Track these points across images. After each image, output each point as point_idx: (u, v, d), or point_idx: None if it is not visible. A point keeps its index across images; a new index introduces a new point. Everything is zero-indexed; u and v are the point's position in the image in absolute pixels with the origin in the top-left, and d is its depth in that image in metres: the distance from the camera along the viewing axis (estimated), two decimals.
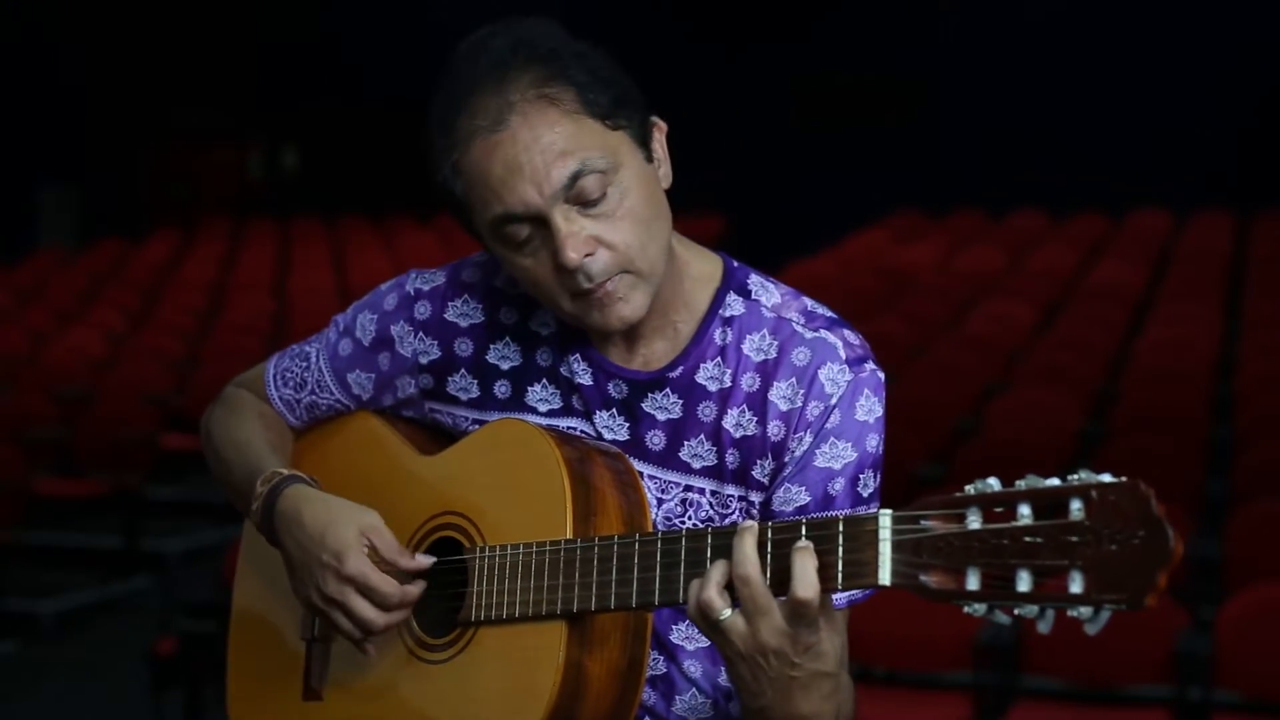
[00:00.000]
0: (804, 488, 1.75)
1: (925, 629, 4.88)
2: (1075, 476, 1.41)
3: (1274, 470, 6.31)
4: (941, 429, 7.53)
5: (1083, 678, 4.93)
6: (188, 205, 17.59)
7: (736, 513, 1.80)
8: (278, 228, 15.80)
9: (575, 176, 1.68)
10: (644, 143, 1.75)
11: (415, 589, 1.78)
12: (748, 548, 1.54)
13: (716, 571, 1.56)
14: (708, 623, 1.57)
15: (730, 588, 1.56)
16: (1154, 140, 14.77)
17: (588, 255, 1.69)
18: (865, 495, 1.77)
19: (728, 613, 1.55)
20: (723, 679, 1.83)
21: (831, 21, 15.93)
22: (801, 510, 1.75)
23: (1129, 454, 6.62)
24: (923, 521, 1.48)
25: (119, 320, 11.99)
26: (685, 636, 1.82)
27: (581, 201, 1.69)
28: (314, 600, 1.80)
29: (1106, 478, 1.39)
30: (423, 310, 1.90)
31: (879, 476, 1.78)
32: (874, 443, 1.77)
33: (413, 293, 1.92)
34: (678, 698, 1.83)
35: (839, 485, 1.75)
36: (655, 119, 1.78)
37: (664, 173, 1.78)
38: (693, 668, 1.83)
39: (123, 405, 9.11)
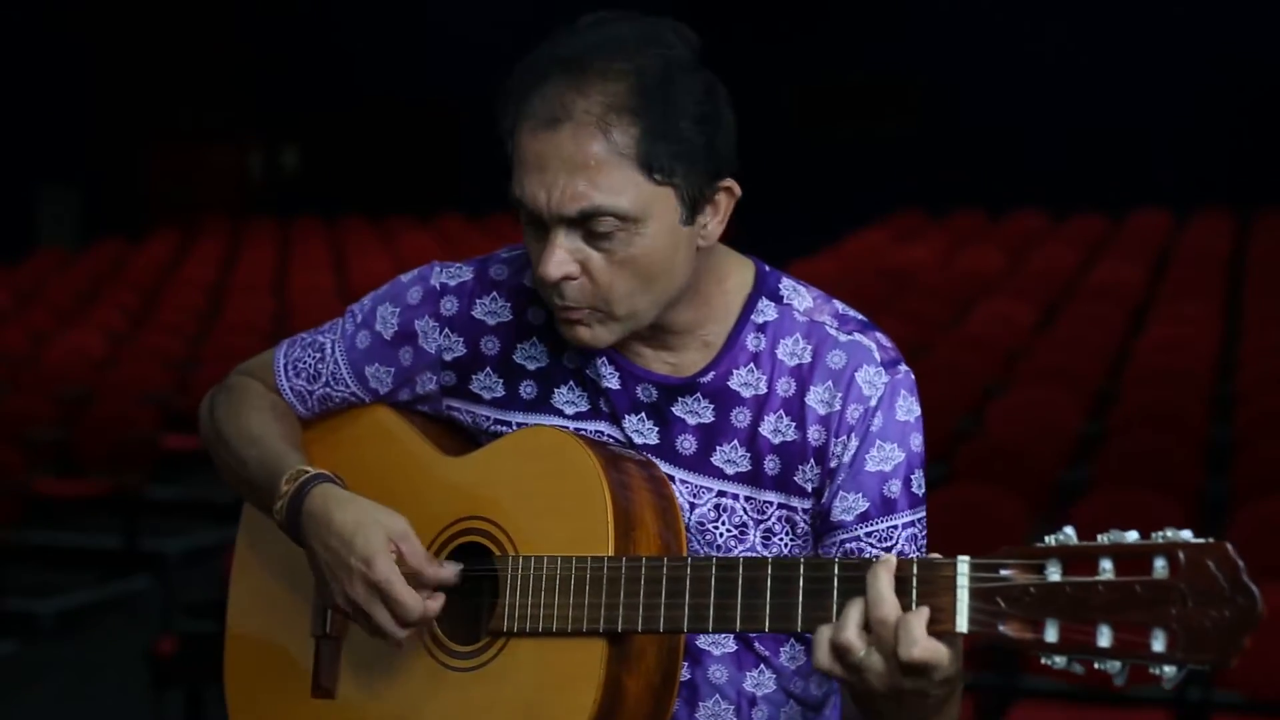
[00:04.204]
0: (861, 494, 1.74)
1: None
2: (1161, 535, 1.41)
3: (1274, 470, 6.30)
4: (942, 429, 7.52)
5: (1083, 678, 4.92)
6: (188, 205, 17.58)
7: (774, 519, 1.78)
8: (278, 228, 15.79)
9: (585, 215, 1.66)
10: (692, 203, 1.70)
11: (435, 604, 1.74)
12: (883, 587, 1.52)
13: (855, 612, 1.53)
14: (845, 663, 1.53)
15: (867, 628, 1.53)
16: (1154, 140, 14.77)
17: (567, 278, 1.68)
18: (921, 495, 1.77)
19: (863, 652, 1.52)
20: (747, 684, 1.82)
21: (833, 22, 15.92)
22: (863, 517, 1.74)
23: (1129, 454, 6.61)
24: (1002, 571, 1.47)
25: (119, 320, 11.98)
26: (711, 642, 1.80)
27: (587, 231, 1.67)
28: (339, 604, 1.77)
29: (1189, 536, 1.40)
30: (449, 306, 1.87)
31: (925, 476, 1.79)
32: (918, 442, 1.78)
33: (439, 287, 1.88)
34: (701, 704, 1.81)
35: (895, 488, 1.75)
36: (730, 183, 1.73)
37: (707, 232, 1.74)
38: (718, 674, 1.81)
39: (123, 405, 9.10)
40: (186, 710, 5.67)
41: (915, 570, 1.52)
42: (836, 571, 1.57)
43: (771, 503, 1.77)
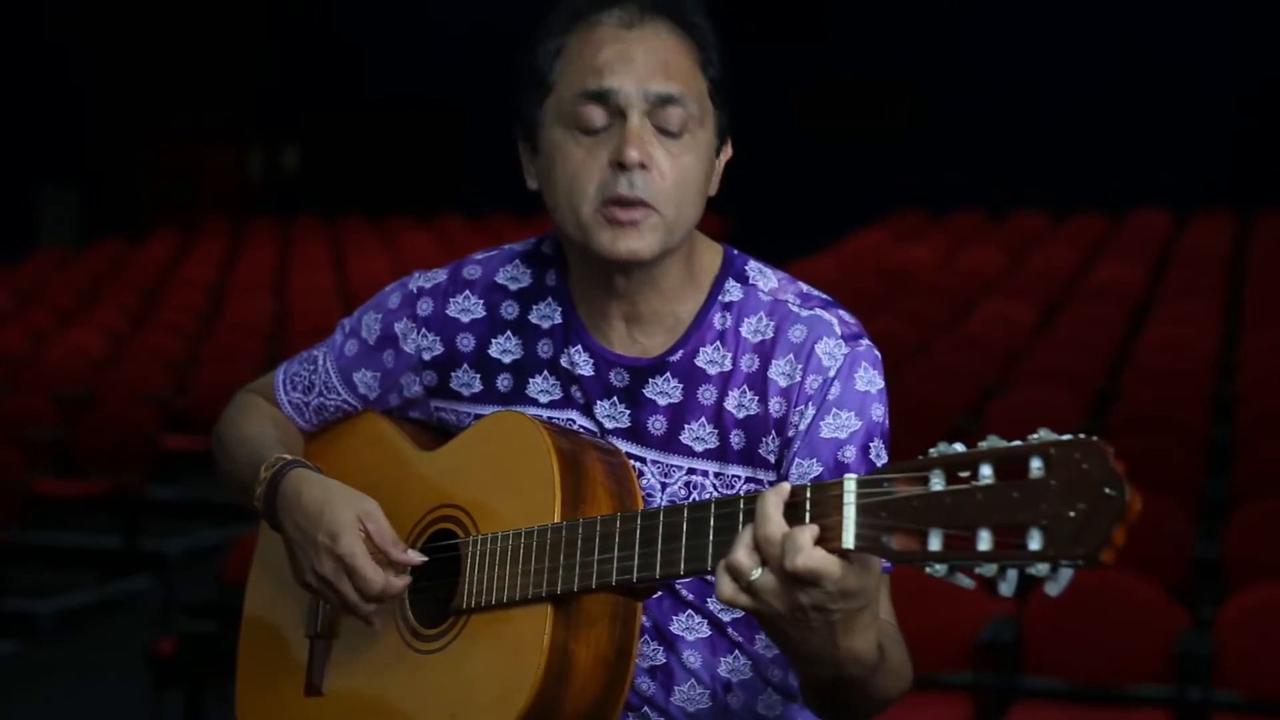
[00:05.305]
0: (815, 459, 1.77)
1: (925, 629, 4.88)
2: (1035, 436, 1.41)
3: (1274, 470, 6.31)
4: (941, 429, 7.52)
5: (1083, 678, 4.92)
6: (188, 205, 17.58)
7: (742, 493, 1.79)
8: (278, 228, 15.79)
9: (669, 99, 1.76)
10: (720, 136, 1.84)
11: (400, 582, 1.80)
12: (770, 508, 1.52)
13: (745, 534, 1.53)
14: (740, 586, 1.53)
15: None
16: (1154, 140, 14.77)
17: (643, 166, 1.74)
18: (879, 466, 1.77)
19: (757, 572, 1.52)
20: (722, 669, 1.85)
21: (833, 21, 15.93)
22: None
23: (1129, 454, 6.58)
24: (886, 485, 1.47)
25: (119, 320, 11.99)
26: (685, 627, 1.84)
27: (659, 125, 1.76)
28: (309, 580, 1.84)
29: (1066, 436, 1.40)
30: (425, 307, 1.94)
31: (889, 449, 1.79)
32: (879, 412, 1.79)
33: (415, 291, 1.96)
34: (676, 688, 1.85)
35: (850, 454, 1.76)
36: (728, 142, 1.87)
37: (714, 181, 1.85)
38: (692, 658, 1.84)
39: (123, 405, 9.11)
40: (186, 710, 5.67)
41: (808, 494, 1.52)
42: (742, 506, 1.59)
43: (739, 477, 1.82)
